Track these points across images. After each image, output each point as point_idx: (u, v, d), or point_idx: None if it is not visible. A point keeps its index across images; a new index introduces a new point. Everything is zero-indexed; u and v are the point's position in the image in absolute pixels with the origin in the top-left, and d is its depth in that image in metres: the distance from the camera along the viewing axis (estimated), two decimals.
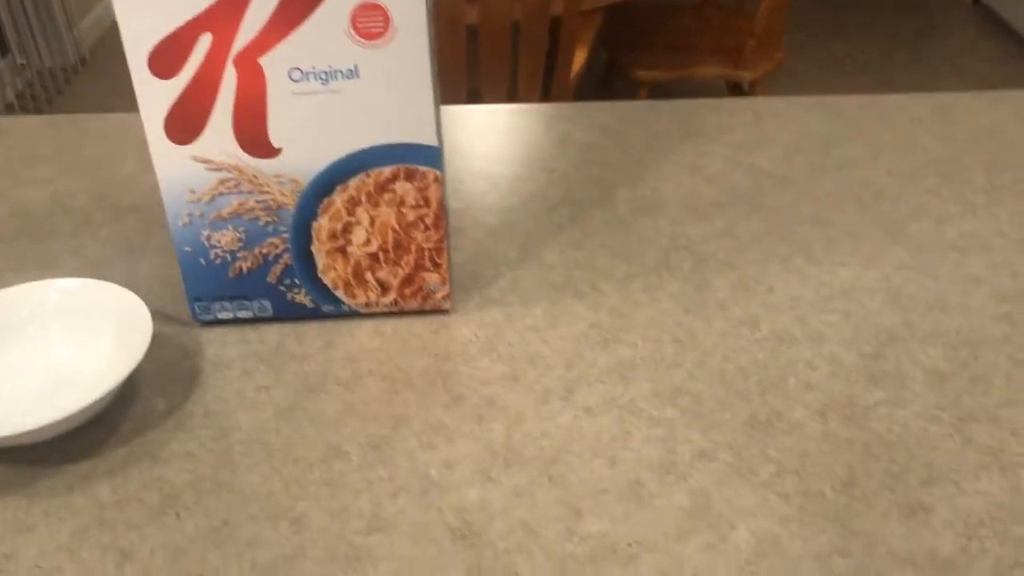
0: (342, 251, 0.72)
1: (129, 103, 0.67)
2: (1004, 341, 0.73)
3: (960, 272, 0.81)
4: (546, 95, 2.03)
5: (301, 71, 0.64)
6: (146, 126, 0.66)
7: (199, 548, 0.58)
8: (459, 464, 0.63)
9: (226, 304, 0.74)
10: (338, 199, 0.69)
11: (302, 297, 0.74)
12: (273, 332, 0.75)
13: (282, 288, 0.73)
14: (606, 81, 3.10)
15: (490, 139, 1.01)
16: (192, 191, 0.68)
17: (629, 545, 0.58)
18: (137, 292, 0.79)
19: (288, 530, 0.59)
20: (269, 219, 0.70)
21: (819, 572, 0.56)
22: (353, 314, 0.76)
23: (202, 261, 0.71)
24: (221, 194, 0.69)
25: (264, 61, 0.64)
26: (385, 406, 0.68)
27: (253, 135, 0.67)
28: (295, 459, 0.64)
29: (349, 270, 0.72)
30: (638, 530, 0.59)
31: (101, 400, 0.63)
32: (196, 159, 0.67)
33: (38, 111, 3.06)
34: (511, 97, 1.95)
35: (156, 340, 0.74)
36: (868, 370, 0.71)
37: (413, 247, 0.72)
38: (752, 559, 0.57)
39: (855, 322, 0.75)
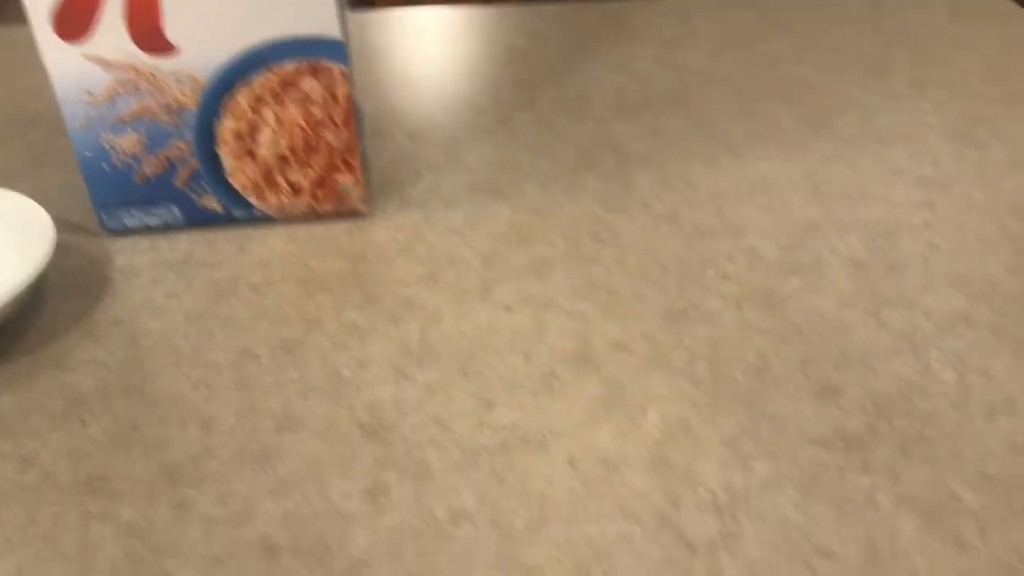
0: (250, 153, 0.70)
1: None
2: (923, 227, 0.73)
3: (882, 163, 0.80)
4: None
5: None
6: (32, 23, 0.63)
7: (104, 452, 0.57)
8: (372, 363, 0.63)
9: (133, 211, 0.71)
10: (241, 98, 0.67)
11: (212, 202, 0.72)
12: (184, 240, 0.73)
13: (190, 193, 0.71)
14: None
15: (415, 42, 0.99)
16: (88, 92, 0.66)
17: (541, 434, 0.58)
18: (46, 202, 0.77)
19: (196, 432, 0.58)
20: (171, 121, 0.67)
21: (727, 452, 0.56)
22: (266, 219, 0.74)
23: (105, 167, 0.69)
24: (119, 95, 0.66)
25: None
26: (298, 309, 0.67)
27: (147, 31, 0.64)
28: (205, 363, 0.63)
29: (258, 172, 0.70)
30: (550, 420, 0.59)
31: (2, 309, 0.61)
32: (89, 58, 0.65)
33: None
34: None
35: (64, 250, 0.72)
36: (786, 261, 0.71)
37: (323, 147, 0.70)
38: (661, 441, 0.57)
39: (775, 215, 0.75)
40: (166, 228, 0.74)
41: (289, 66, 0.66)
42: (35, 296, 0.68)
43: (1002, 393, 0.60)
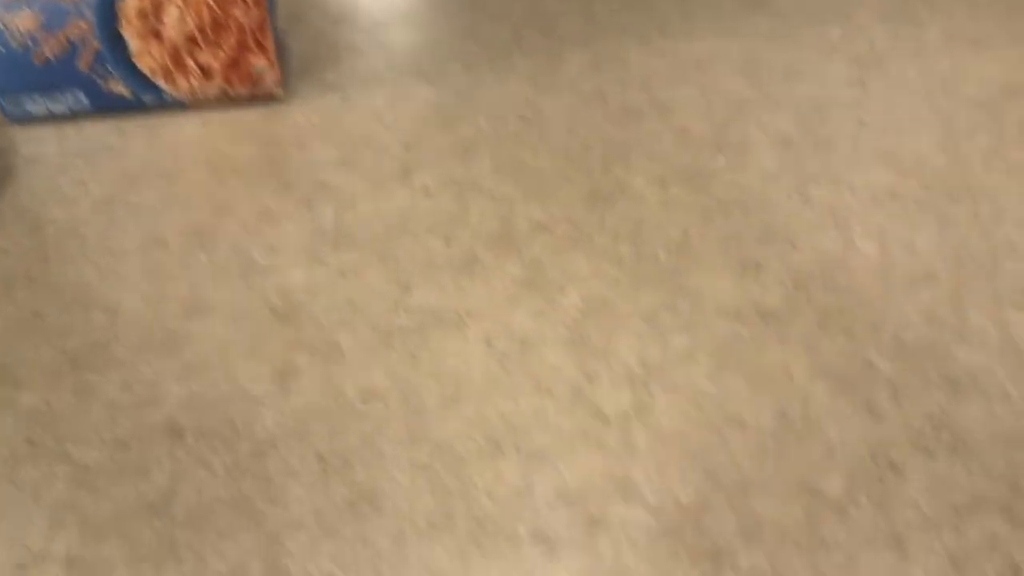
0: (155, 33, 0.66)
1: None
2: (854, 105, 0.72)
3: (818, 41, 0.78)
4: None
5: None
6: None
7: (4, 340, 0.55)
8: (285, 247, 0.61)
9: (36, 97, 0.68)
10: None
11: (119, 87, 0.69)
12: (93, 127, 0.70)
13: (96, 77, 0.68)
14: None
15: None
16: None
17: (458, 315, 0.57)
18: None
19: (102, 318, 0.57)
20: None
21: (644, 327, 0.56)
22: (178, 105, 0.71)
23: (1, 48, 0.65)
24: None
25: None
26: (209, 196, 0.65)
27: None
28: (111, 251, 0.61)
29: (166, 54, 0.67)
30: (468, 301, 0.58)
31: None
32: None
33: None
34: None
35: None
36: (714, 139, 0.69)
37: (233, 26, 0.67)
38: (580, 319, 0.56)
39: (706, 94, 0.73)
40: (73, 115, 0.71)
41: None
42: None
43: (924, 265, 0.60)
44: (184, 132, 0.69)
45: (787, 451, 0.50)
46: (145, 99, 0.69)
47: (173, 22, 0.66)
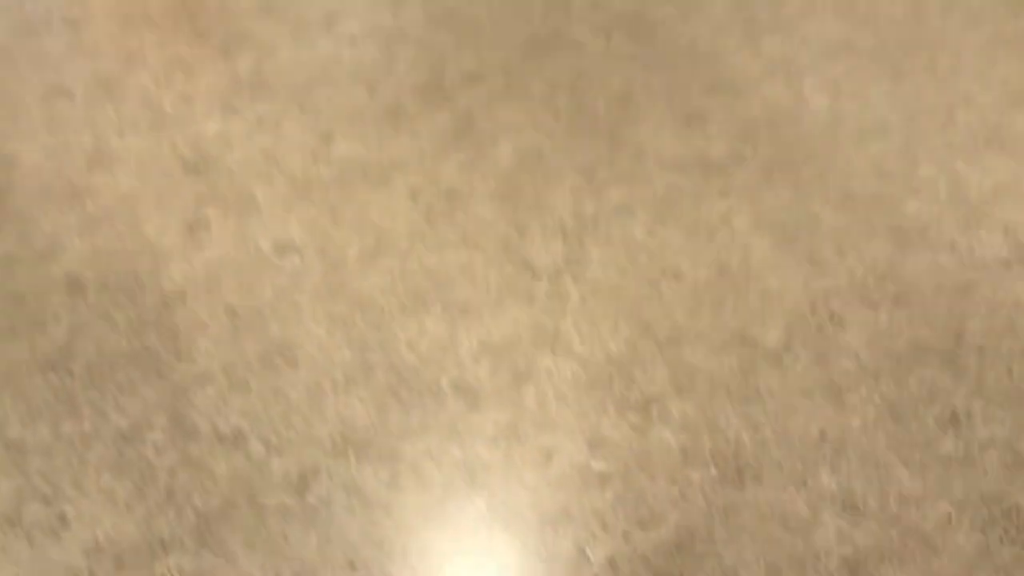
0: None
1: None
2: None
3: None
4: None
5: None
6: None
7: None
8: (198, 98, 0.57)
9: None
10: None
11: None
12: None
13: None
14: None
15: None
16: None
17: (382, 167, 0.53)
18: None
19: None
20: None
21: (581, 180, 0.53)
22: None
23: None
24: None
25: None
26: (117, 44, 0.60)
27: None
28: (9, 100, 0.56)
29: None
30: (393, 152, 0.54)
31: None
32: None
33: None
34: None
35: None
36: None
37: None
38: (512, 172, 0.53)
39: None
40: None
41: None
42: None
43: (875, 118, 0.57)
44: None
45: (724, 302, 0.48)
46: None
47: None
